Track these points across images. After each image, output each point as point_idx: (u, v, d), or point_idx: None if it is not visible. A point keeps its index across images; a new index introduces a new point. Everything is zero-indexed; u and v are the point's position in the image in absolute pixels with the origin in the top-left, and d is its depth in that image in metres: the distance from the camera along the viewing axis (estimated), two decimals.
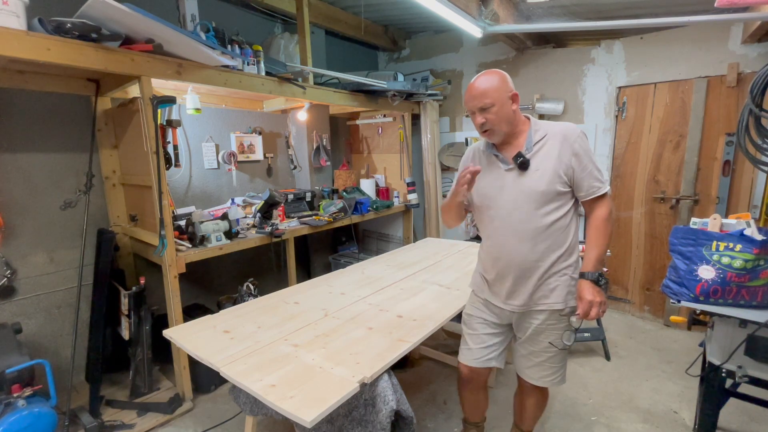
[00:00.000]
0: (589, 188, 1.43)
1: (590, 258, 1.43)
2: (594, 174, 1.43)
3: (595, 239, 1.45)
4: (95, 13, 1.82)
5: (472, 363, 1.65)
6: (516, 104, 1.46)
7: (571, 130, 1.46)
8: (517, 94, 1.46)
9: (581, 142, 1.44)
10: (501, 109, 1.43)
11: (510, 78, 1.48)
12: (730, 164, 3.05)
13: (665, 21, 2.63)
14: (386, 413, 1.32)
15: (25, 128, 2.35)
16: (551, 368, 1.56)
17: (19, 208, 2.34)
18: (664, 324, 3.44)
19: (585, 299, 1.39)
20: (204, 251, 2.43)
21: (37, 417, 1.71)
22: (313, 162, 3.75)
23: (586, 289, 1.40)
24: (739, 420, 2.22)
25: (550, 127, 1.49)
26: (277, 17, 3.73)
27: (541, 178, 1.42)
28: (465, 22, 2.79)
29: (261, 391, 1.24)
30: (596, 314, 1.39)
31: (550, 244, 1.45)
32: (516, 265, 1.48)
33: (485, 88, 1.43)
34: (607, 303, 1.42)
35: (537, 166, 1.44)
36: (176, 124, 2.42)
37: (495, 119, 1.43)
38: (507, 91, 1.44)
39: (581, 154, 1.42)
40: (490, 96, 1.42)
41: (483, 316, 1.64)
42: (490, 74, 1.45)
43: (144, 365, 2.41)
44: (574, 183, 1.44)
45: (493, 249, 1.55)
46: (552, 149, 1.44)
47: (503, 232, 1.50)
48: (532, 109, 3.81)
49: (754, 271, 1.56)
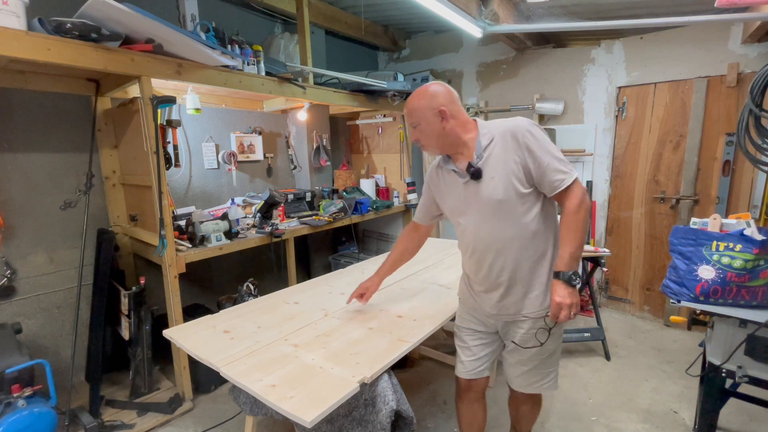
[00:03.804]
0: (552, 183, 1.31)
1: (563, 256, 1.33)
2: (554, 166, 1.30)
3: (566, 235, 1.33)
4: (95, 13, 1.82)
5: (466, 376, 1.63)
6: (446, 120, 1.37)
7: (518, 124, 1.35)
8: (444, 110, 1.36)
9: (531, 136, 1.32)
10: (427, 127, 1.39)
11: (445, 92, 1.39)
12: (730, 164, 3.05)
13: (665, 21, 2.63)
14: (386, 413, 1.32)
15: (25, 128, 2.35)
16: (540, 374, 1.53)
17: (19, 208, 2.34)
18: (664, 324, 3.44)
19: (554, 301, 1.31)
20: (204, 251, 2.43)
21: (37, 417, 1.71)
22: (313, 162, 3.75)
23: (556, 289, 1.31)
24: (739, 420, 2.22)
25: (497, 128, 1.39)
26: (277, 17, 3.73)
27: (497, 185, 1.34)
28: (465, 22, 2.79)
29: (261, 391, 1.23)
30: (566, 316, 1.30)
31: (528, 250, 1.38)
32: (496, 276, 1.43)
33: (411, 107, 1.41)
34: (579, 304, 1.32)
35: (491, 173, 1.36)
36: (176, 124, 2.42)
37: (423, 137, 1.42)
38: (432, 108, 1.37)
39: (534, 149, 1.31)
40: (415, 115, 1.40)
41: (472, 327, 1.61)
42: (418, 92, 1.41)
43: (144, 365, 2.41)
44: (535, 181, 1.34)
45: (472, 263, 1.51)
46: (502, 151, 1.35)
47: (478, 245, 1.45)
48: (531, 109, 3.82)
49: (754, 271, 1.56)
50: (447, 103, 1.38)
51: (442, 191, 1.55)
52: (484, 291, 1.50)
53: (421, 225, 1.76)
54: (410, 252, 1.87)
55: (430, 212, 1.68)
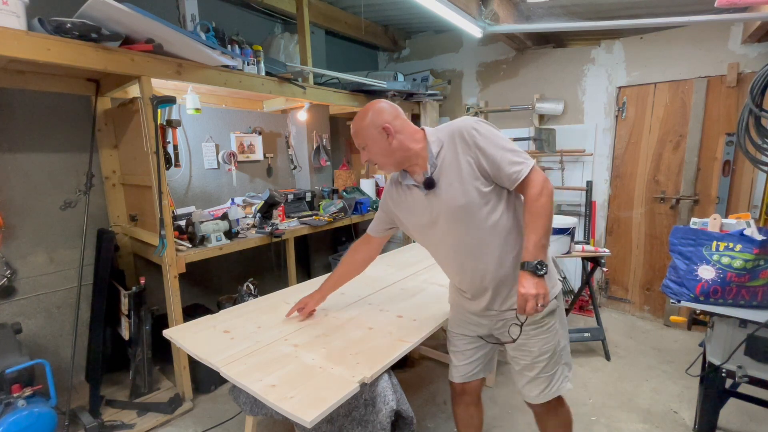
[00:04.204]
0: (510, 176, 1.28)
1: (527, 246, 1.28)
2: (507, 159, 1.27)
3: (529, 224, 1.28)
4: (95, 13, 1.82)
5: (460, 380, 1.62)
6: (392, 136, 1.34)
7: (463, 124, 1.32)
8: (388, 126, 1.33)
9: (478, 133, 1.29)
10: (374, 146, 1.37)
11: (387, 108, 1.38)
12: (730, 164, 3.06)
13: (665, 21, 2.63)
14: (386, 413, 1.32)
15: (25, 128, 2.35)
16: (548, 377, 1.46)
17: (19, 208, 2.34)
18: (664, 324, 3.44)
19: (519, 292, 1.25)
20: (204, 251, 2.43)
21: (37, 417, 1.71)
22: (313, 162, 3.75)
23: (521, 280, 1.26)
24: (739, 420, 2.22)
25: (443, 133, 1.37)
26: (277, 17, 3.73)
27: (457, 190, 1.32)
28: (465, 22, 2.79)
29: (261, 391, 1.23)
30: (532, 308, 1.23)
31: (506, 247, 1.36)
32: (480, 281, 1.41)
33: (355, 129, 1.40)
34: (547, 295, 1.25)
35: (448, 179, 1.33)
36: (176, 124, 2.42)
37: (373, 156, 1.40)
38: (376, 126, 1.35)
39: (483, 146, 1.28)
40: (361, 136, 1.39)
41: (463, 332, 1.60)
42: (360, 113, 1.39)
43: (144, 365, 2.41)
44: (492, 177, 1.31)
45: (454, 273, 1.50)
46: (453, 155, 1.32)
47: (455, 255, 1.42)
48: (531, 109, 3.82)
49: (754, 271, 1.56)
50: (390, 119, 1.36)
51: (404, 208, 1.51)
52: (472, 298, 1.48)
53: (374, 237, 1.71)
54: (357, 269, 1.81)
55: (385, 225, 1.65)
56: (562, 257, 2.72)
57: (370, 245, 1.76)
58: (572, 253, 2.73)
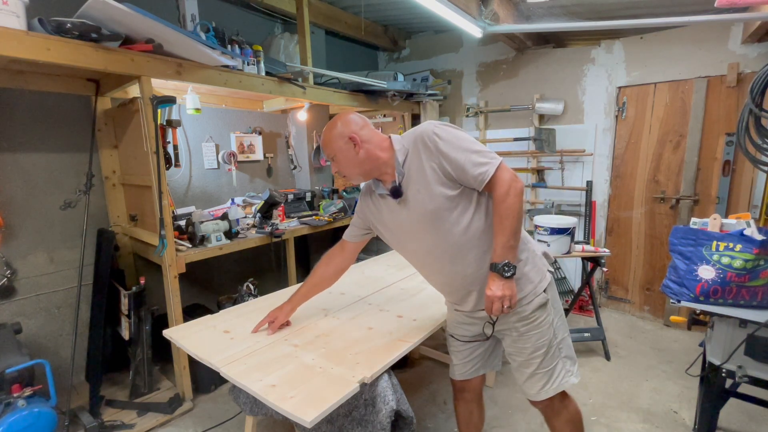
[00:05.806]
0: (476, 178, 1.26)
1: (495, 248, 1.28)
2: (471, 160, 1.26)
3: (497, 225, 1.28)
4: (95, 13, 1.82)
5: (460, 377, 1.63)
6: (359, 146, 1.35)
7: (424, 130, 1.33)
8: (355, 137, 1.35)
9: (438, 138, 1.29)
10: (343, 157, 1.38)
11: (354, 118, 1.39)
12: (730, 164, 3.05)
13: (665, 21, 2.63)
14: (386, 413, 1.32)
15: (25, 128, 2.35)
16: (546, 373, 1.43)
17: (19, 208, 2.34)
18: (664, 324, 3.44)
19: (486, 294, 1.27)
20: (204, 251, 2.43)
21: (37, 417, 1.71)
22: (313, 162, 3.75)
23: (489, 282, 1.27)
24: (739, 420, 2.22)
25: (407, 140, 1.38)
26: (277, 17, 3.73)
27: (424, 197, 1.33)
28: (465, 22, 2.79)
29: (261, 391, 1.24)
30: (498, 309, 1.24)
31: (482, 247, 1.35)
32: (461, 283, 1.41)
33: (323, 141, 1.41)
34: (513, 296, 1.25)
35: (416, 186, 1.34)
36: (176, 124, 2.42)
37: (342, 168, 1.41)
38: (343, 137, 1.36)
39: (445, 150, 1.28)
40: (329, 147, 1.40)
41: (460, 333, 1.59)
42: (328, 125, 1.40)
43: (144, 365, 2.41)
44: (458, 180, 1.30)
45: (435, 279, 1.50)
46: (418, 161, 1.33)
47: (429, 261, 1.43)
48: (531, 109, 3.82)
49: (754, 271, 1.56)
50: (357, 130, 1.37)
51: (377, 216, 1.51)
52: (459, 301, 1.48)
53: (350, 243, 1.69)
54: (329, 280, 1.76)
55: (361, 231, 1.64)
56: (563, 257, 2.72)
57: (344, 253, 1.72)
58: (572, 253, 2.73)
